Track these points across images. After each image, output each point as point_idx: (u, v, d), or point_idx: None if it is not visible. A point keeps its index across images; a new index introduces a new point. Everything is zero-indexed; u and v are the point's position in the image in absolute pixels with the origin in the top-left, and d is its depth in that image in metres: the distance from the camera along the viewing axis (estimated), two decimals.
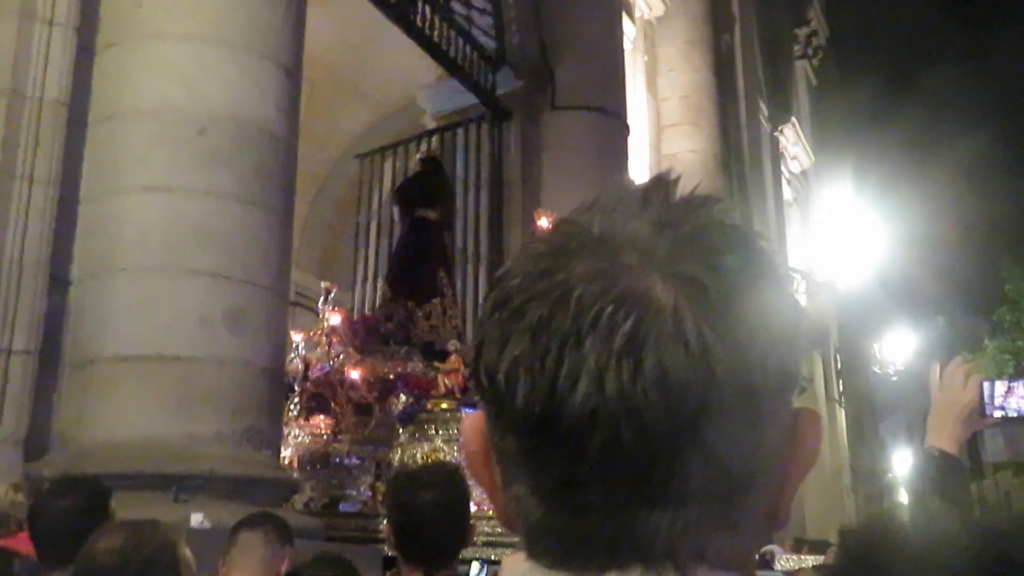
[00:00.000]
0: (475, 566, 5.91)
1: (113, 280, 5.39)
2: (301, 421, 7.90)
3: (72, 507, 2.79)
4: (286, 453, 7.38)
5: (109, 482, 3.40)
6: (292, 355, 8.11)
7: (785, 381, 0.59)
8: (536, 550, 0.60)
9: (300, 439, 7.83)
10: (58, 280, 5.46)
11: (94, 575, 2.23)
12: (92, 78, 5.79)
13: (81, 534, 2.34)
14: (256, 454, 5.40)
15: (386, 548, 4.70)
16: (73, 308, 5.48)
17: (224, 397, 5.30)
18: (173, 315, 5.32)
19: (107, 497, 2.95)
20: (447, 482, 2.58)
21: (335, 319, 8.68)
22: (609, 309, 0.55)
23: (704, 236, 0.59)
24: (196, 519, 4.53)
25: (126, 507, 3.16)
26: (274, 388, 5.75)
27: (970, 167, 30.11)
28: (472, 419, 0.64)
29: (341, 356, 8.40)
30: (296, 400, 7.98)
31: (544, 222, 8.53)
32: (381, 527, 6.79)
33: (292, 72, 6.14)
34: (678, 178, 0.63)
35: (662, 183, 0.63)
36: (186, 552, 2.36)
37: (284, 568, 3.24)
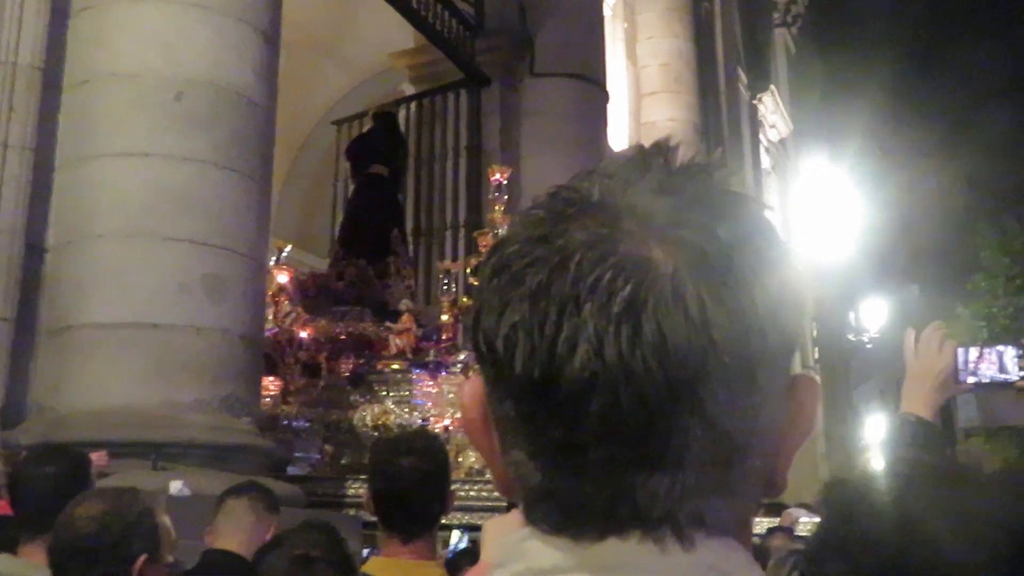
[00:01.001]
0: (455, 534, 5.94)
1: (90, 247, 5.36)
2: None
3: (54, 475, 2.79)
4: None
5: (87, 450, 3.39)
6: None
7: (784, 347, 0.60)
8: (535, 515, 0.60)
9: None
10: (34, 247, 5.42)
11: (73, 542, 2.23)
12: (67, 42, 5.72)
13: (64, 501, 2.34)
14: (235, 421, 5.40)
15: (366, 514, 4.70)
16: (49, 275, 5.44)
17: (203, 364, 5.29)
18: (151, 282, 5.29)
19: (88, 465, 2.94)
20: (427, 448, 2.59)
21: (283, 278, 8.45)
22: (608, 275, 0.55)
23: (704, 202, 0.59)
24: (175, 486, 4.53)
25: (105, 475, 3.15)
26: (253, 355, 5.74)
27: (946, 136, 30.26)
28: (471, 385, 0.64)
29: (290, 316, 8.22)
30: None
31: (498, 178, 8.45)
32: (333, 491, 6.72)
33: (270, 37, 6.08)
34: (678, 144, 0.63)
35: (662, 149, 0.62)
36: (165, 520, 2.36)
37: (269, 536, 3.24)
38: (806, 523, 5.87)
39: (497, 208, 8.25)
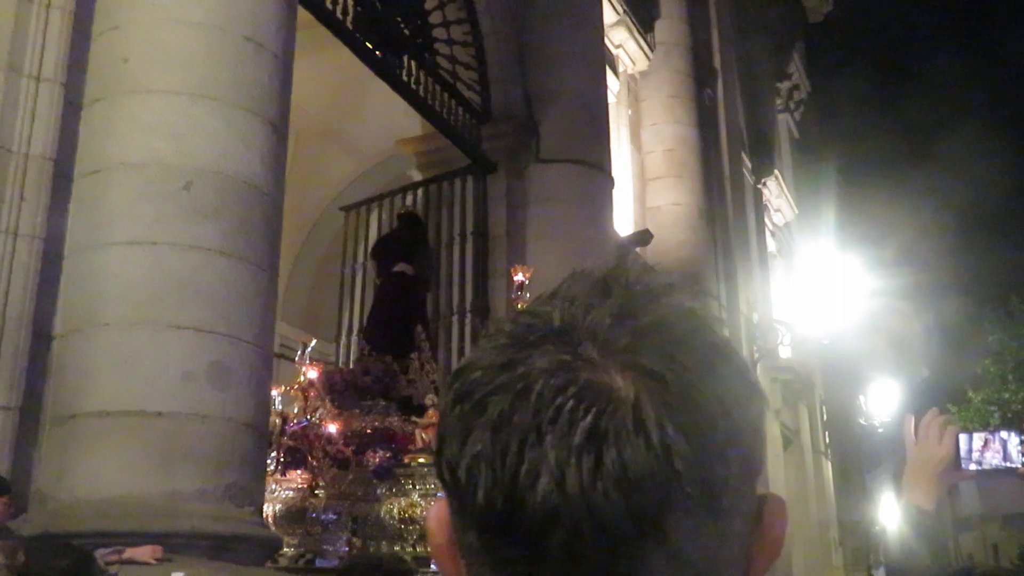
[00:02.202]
0: None
1: (96, 335, 5.36)
2: (278, 476, 7.83)
3: (67, 569, 2.83)
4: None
5: (90, 540, 3.38)
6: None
7: (748, 470, 0.59)
8: None
9: (277, 494, 7.75)
10: (41, 335, 5.44)
11: None
12: (78, 132, 5.81)
13: None
14: (239, 511, 5.34)
15: None
16: (55, 363, 5.44)
17: (207, 453, 5.25)
18: (156, 370, 5.28)
19: (93, 561, 3.00)
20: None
21: (312, 373, 8.58)
22: (570, 404, 0.55)
23: (665, 327, 0.59)
24: None
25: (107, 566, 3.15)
26: (257, 444, 5.71)
27: (952, 221, 30.42)
28: (437, 510, 0.63)
29: (319, 410, 8.31)
30: (273, 455, 7.89)
31: (520, 277, 8.51)
32: None
33: (278, 127, 6.16)
34: (639, 266, 0.64)
35: (623, 271, 0.63)
36: None
37: None
38: None
39: (520, 307, 8.29)
